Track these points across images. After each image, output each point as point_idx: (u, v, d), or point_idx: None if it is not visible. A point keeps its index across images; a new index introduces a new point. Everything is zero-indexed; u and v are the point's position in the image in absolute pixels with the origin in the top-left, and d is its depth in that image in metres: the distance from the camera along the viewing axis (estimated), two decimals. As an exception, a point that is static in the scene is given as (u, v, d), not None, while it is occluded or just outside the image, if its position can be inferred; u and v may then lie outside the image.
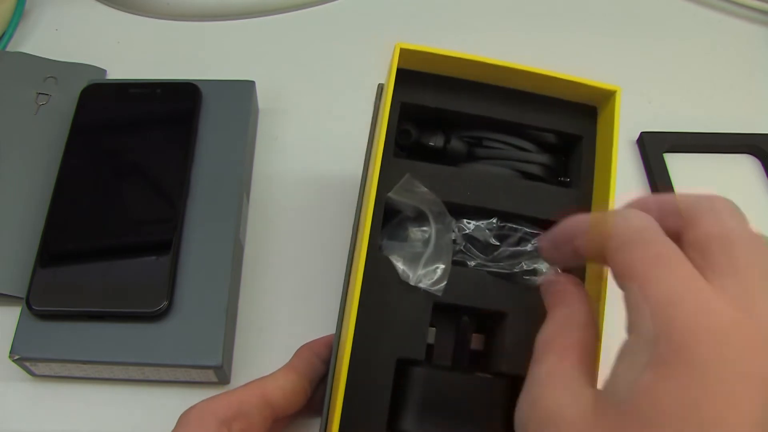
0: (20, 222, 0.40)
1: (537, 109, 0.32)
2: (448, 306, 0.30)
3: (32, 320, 0.36)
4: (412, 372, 0.29)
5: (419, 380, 0.29)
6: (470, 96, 0.29)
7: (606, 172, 0.31)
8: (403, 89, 0.31)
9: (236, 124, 0.43)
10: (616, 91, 0.31)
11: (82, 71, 0.47)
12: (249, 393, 0.30)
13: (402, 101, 0.32)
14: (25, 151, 0.43)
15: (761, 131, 0.48)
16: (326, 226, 0.42)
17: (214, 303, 0.36)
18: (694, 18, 0.55)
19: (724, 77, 0.52)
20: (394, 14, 0.54)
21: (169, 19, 0.53)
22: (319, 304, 0.39)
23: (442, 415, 0.28)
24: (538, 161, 0.33)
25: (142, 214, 0.39)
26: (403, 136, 0.33)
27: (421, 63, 0.31)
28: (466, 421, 0.28)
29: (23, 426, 0.36)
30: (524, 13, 0.55)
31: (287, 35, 0.52)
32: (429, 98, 0.32)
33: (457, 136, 0.33)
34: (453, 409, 0.29)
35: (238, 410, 0.29)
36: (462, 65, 0.31)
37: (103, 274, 0.37)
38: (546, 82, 0.31)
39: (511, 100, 0.32)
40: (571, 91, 0.32)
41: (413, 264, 0.30)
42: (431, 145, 0.33)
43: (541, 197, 0.32)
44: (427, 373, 0.29)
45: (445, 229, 0.31)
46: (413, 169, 0.31)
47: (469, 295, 0.30)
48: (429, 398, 0.28)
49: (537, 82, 0.31)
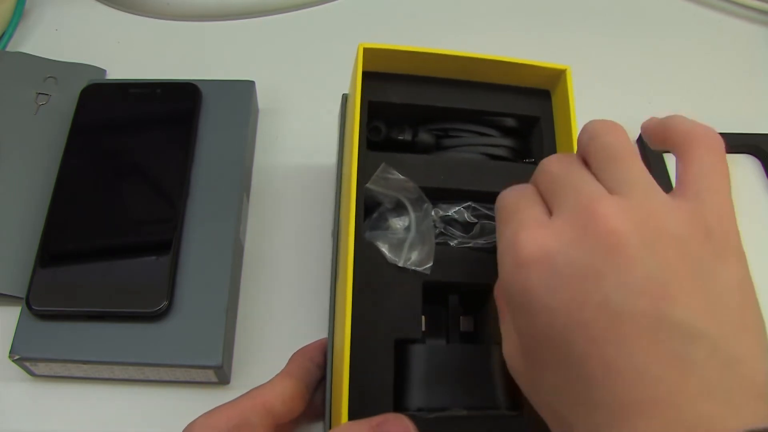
0: (20, 222, 0.40)
1: (496, 97, 0.35)
2: (437, 285, 0.31)
3: (32, 320, 0.36)
4: (412, 350, 0.30)
5: (421, 357, 0.30)
6: (433, 90, 0.31)
7: (568, 149, 0.32)
8: (369, 89, 0.33)
9: (236, 124, 0.43)
10: (565, 70, 0.33)
11: (82, 71, 0.47)
12: (249, 403, 0.30)
13: (370, 100, 0.33)
14: (25, 151, 0.43)
15: (761, 131, 0.48)
16: (326, 225, 0.42)
17: (214, 303, 0.36)
18: (694, 18, 0.55)
19: (724, 77, 0.52)
20: (394, 14, 0.54)
21: (169, 19, 0.53)
22: (319, 304, 0.39)
23: (446, 387, 0.29)
24: (503, 144, 0.35)
25: (142, 214, 0.39)
26: (373, 132, 0.34)
27: (384, 62, 0.33)
28: (471, 390, 0.29)
29: (23, 426, 0.36)
30: (524, 12, 0.55)
31: (287, 35, 0.52)
32: (394, 95, 0.34)
33: (425, 129, 0.35)
34: (456, 379, 0.29)
35: (240, 421, 0.29)
36: (423, 59, 0.33)
37: (103, 274, 0.37)
38: (500, 68, 0.33)
39: (471, 91, 0.35)
40: (525, 74, 0.34)
41: (398, 249, 0.31)
42: (400, 138, 0.35)
43: (510, 175, 0.33)
44: (427, 348, 0.30)
45: (424, 215, 0.32)
46: (388, 159, 0.33)
47: (456, 272, 0.31)
48: (432, 373, 0.29)
49: (492, 69, 0.33)
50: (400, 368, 0.29)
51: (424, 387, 0.29)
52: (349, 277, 0.28)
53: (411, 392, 0.29)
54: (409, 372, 0.29)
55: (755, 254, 0.24)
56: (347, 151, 0.33)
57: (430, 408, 0.29)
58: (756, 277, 0.23)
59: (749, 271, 0.23)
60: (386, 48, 0.32)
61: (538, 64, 0.33)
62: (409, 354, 0.30)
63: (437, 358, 0.30)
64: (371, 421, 0.26)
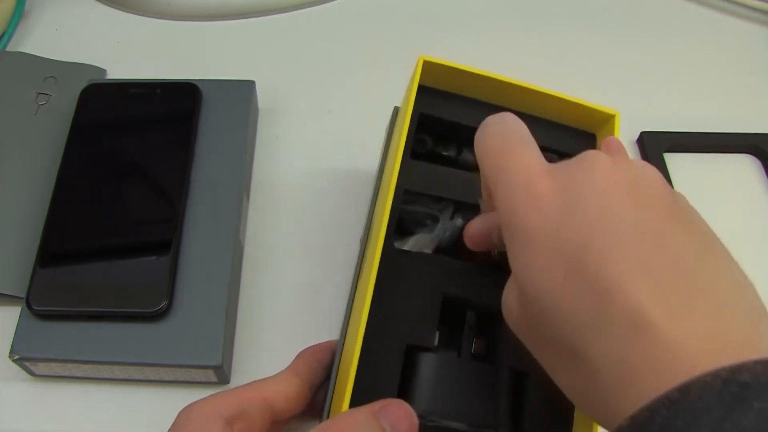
0: (20, 222, 0.40)
1: (543, 132, 0.34)
2: (457, 301, 0.31)
3: (32, 320, 0.36)
4: (423, 357, 0.29)
5: (431, 365, 0.29)
6: (484, 114, 0.31)
7: None
8: (422, 102, 0.33)
9: (236, 124, 0.43)
10: (614, 116, 0.33)
11: (82, 71, 0.47)
12: (250, 393, 0.30)
13: (421, 112, 0.34)
14: (25, 151, 0.43)
15: (761, 131, 0.48)
16: (326, 225, 0.42)
17: (214, 303, 0.36)
18: (695, 18, 0.55)
19: (724, 77, 0.52)
20: (394, 14, 0.54)
21: (169, 19, 0.53)
22: (320, 304, 0.39)
23: (451, 399, 0.29)
24: None
25: (142, 214, 0.39)
26: (419, 144, 0.35)
27: (440, 78, 0.33)
28: (474, 406, 0.29)
29: (23, 426, 0.36)
30: (525, 13, 0.55)
31: (287, 35, 0.52)
32: (445, 112, 0.34)
33: (469, 148, 0.35)
34: (462, 394, 0.29)
35: (239, 410, 0.29)
36: (479, 81, 0.33)
37: (103, 274, 0.37)
38: (551, 102, 0.33)
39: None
40: (574, 113, 0.34)
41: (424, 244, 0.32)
42: (445, 154, 0.35)
43: None
44: (438, 358, 0.30)
45: (453, 225, 0.33)
46: (430, 170, 0.33)
47: (477, 290, 0.31)
48: (439, 383, 0.29)
49: (543, 102, 0.34)
50: (407, 374, 0.29)
51: (429, 395, 0.29)
52: (372, 279, 0.28)
53: (414, 398, 0.29)
54: (417, 379, 0.29)
55: (755, 254, 0.25)
56: (391, 156, 0.33)
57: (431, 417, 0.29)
58: (756, 277, 0.23)
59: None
60: (444, 64, 0.32)
61: (588, 105, 0.33)
62: (420, 361, 0.29)
63: (446, 369, 0.29)
64: (372, 406, 0.26)
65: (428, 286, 0.31)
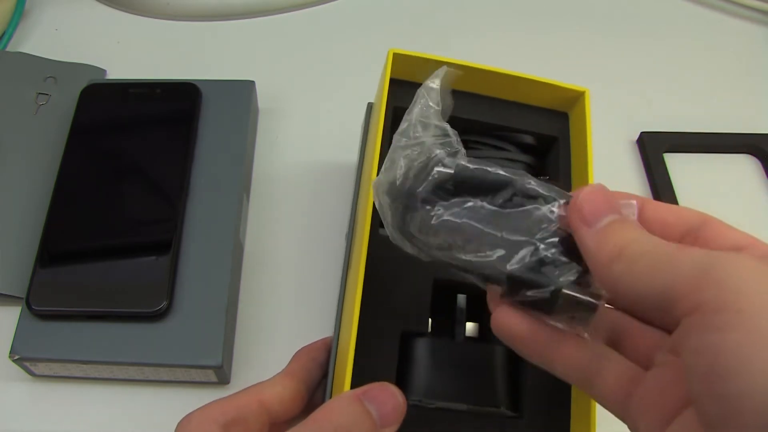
0: (20, 222, 0.40)
1: (516, 114, 0.35)
2: (448, 284, 0.31)
3: (32, 320, 0.36)
4: (418, 342, 0.30)
5: (426, 350, 0.30)
6: (457, 102, 0.31)
7: (583, 170, 0.32)
8: (395, 95, 0.33)
9: (236, 124, 0.43)
10: (584, 92, 0.33)
11: (82, 71, 0.47)
12: (246, 399, 0.30)
13: (395, 106, 0.33)
14: (25, 152, 0.43)
15: (761, 131, 0.48)
16: (326, 225, 0.42)
17: (214, 303, 0.36)
18: (694, 18, 0.55)
19: (724, 77, 0.52)
20: (394, 14, 0.54)
21: (169, 19, 0.53)
22: (319, 304, 0.39)
23: (449, 382, 0.29)
24: (520, 159, 0.35)
25: (142, 214, 0.39)
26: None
27: (412, 69, 0.33)
28: (473, 387, 0.30)
29: (23, 426, 0.36)
30: (524, 13, 0.55)
31: (287, 35, 0.52)
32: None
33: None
34: (459, 376, 0.30)
35: (236, 415, 0.29)
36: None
37: (103, 274, 0.37)
38: (522, 84, 0.34)
39: (494, 105, 0.35)
40: (544, 93, 0.34)
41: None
42: None
43: None
44: (433, 342, 0.30)
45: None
46: None
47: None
48: (436, 367, 0.30)
49: (514, 85, 0.34)
50: (404, 360, 0.30)
51: (427, 380, 0.29)
52: (361, 269, 0.29)
53: (413, 384, 0.29)
54: (413, 364, 0.30)
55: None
56: (369, 152, 0.33)
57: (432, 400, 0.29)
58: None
59: None
60: (414, 55, 0.33)
61: (558, 84, 0.34)
62: (415, 346, 0.30)
63: (442, 352, 0.30)
64: (356, 391, 0.26)
65: (418, 273, 0.31)
